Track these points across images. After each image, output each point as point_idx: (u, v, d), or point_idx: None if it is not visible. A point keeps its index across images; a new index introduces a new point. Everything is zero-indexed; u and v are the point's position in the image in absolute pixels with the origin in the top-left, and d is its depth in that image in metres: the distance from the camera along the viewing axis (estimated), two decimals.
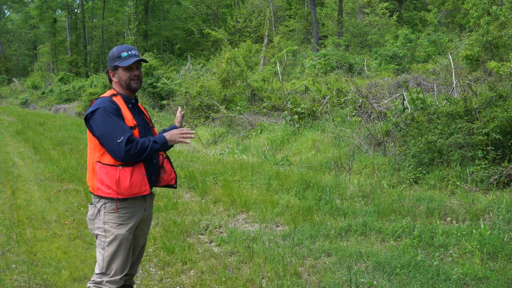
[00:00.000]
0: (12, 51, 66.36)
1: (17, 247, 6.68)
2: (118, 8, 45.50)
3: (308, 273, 5.38)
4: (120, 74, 3.95)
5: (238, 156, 11.95)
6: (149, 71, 23.13)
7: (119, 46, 4.09)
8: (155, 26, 42.43)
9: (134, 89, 3.98)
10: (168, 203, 8.43)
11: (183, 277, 5.58)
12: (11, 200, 9.22)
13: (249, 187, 9.03)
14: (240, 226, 7.28)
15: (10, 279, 5.60)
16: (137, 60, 3.91)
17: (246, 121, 15.26)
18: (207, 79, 19.64)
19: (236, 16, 38.16)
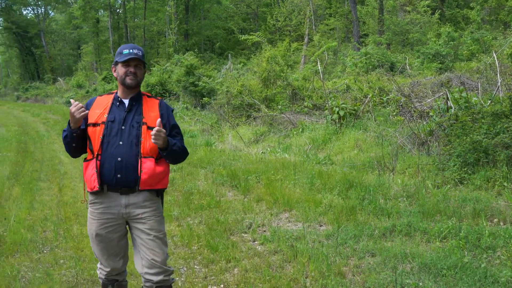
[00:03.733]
0: (56, 51, 67.54)
1: (64, 243, 6.82)
2: (159, 8, 45.92)
3: (352, 273, 5.36)
4: (118, 70, 4.05)
5: (280, 155, 11.95)
6: (190, 70, 23.31)
7: (125, 44, 4.19)
8: (195, 25, 42.71)
9: (129, 85, 4.01)
10: (211, 202, 8.49)
11: (227, 275, 5.62)
12: (58, 197, 9.41)
13: (292, 186, 9.03)
14: (283, 225, 7.29)
15: (58, 274, 5.72)
16: (133, 57, 3.97)
17: (287, 120, 15.25)
18: (248, 78, 19.67)
19: (276, 15, 38.14)
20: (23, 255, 6.32)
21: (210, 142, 14.57)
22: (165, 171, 4.07)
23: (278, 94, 17.69)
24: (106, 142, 3.95)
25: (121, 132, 3.95)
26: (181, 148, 4.03)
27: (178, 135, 4.11)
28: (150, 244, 3.99)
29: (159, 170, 3.99)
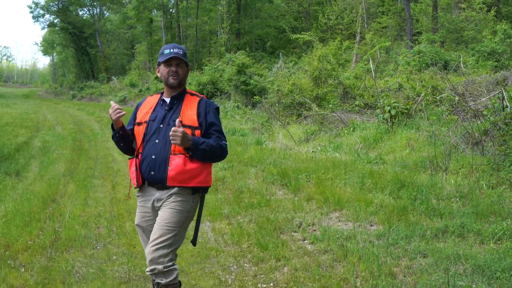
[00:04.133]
0: (111, 51, 68.82)
1: (117, 239, 6.94)
2: (211, 7, 46.26)
3: (403, 274, 5.30)
4: (162, 70, 4.20)
5: (330, 154, 11.89)
6: (241, 69, 23.40)
7: (167, 44, 4.26)
8: (247, 24, 42.85)
9: (171, 84, 4.14)
10: (262, 200, 8.51)
11: (277, 273, 5.63)
12: (112, 194, 9.58)
13: (342, 185, 8.97)
14: (334, 224, 7.25)
15: (111, 270, 5.82)
16: (173, 56, 4.06)
17: (338, 119, 15.17)
18: (299, 77, 19.64)
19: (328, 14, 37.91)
20: (77, 251, 6.46)
21: (260, 141, 14.60)
22: (200, 169, 4.06)
23: (329, 92, 17.61)
24: (146, 140, 4.12)
25: (159, 130, 4.08)
26: (213, 147, 4.00)
27: (214, 133, 4.09)
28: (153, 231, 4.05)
29: (191, 167, 4.02)
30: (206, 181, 4.12)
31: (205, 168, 4.09)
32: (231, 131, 17.47)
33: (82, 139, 18.06)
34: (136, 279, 5.59)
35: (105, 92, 49.40)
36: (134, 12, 49.75)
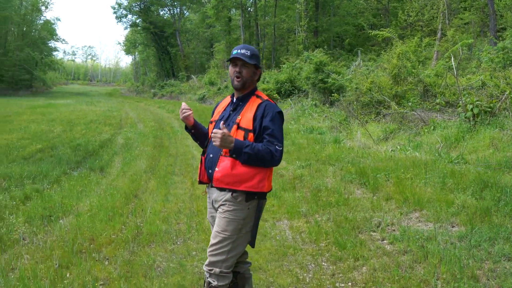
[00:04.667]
0: (190, 50, 69.87)
1: (196, 235, 7.07)
2: (289, 5, 46.19)
3: (486, 277, 5.16)
4: (229, 70, 4.25)
5: (410, 153, 11.69)
6: (319, 67, 23.29)
7: (239, 45, 4.36)
8: (325, 22, 42.56)
9: (234, 86, 4.18)
10: (340, 199, 8.47)
11: (355, 273, 5.60)
12: (191, 191, 9.77)
13: (422, 185, 8.81)
14: (413, 224, 7.14)
15: (190, 265, 5.94)
16: (236, 57, 4.10)
17: (418, 118, 14.87)
18: (378, 75, 19.35)
19: (408, 10, 37.15)
20: (158, 246, 6.63)
21: (338, 139, 14.52)
22: (251, 173, 4.01)
23: (409, 91, 17.27)
24: (211, 139, 4.12)
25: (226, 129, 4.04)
26: (260, 151, 3.92)
27: (266, 138, 4.00)
28: (212, 235, 4.15)
29: (239, 171, 4.00)
30: (258, 186, 4.05)
31: (258, 173, 4.03)
32: (308, 129, 17.44)
33: (162, 136, 18.47)
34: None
35: (185, 90, 50.25)
36: (213, 11, 50.33)
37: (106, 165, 12.38)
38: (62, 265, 5.86)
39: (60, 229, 7.18)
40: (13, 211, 8.04)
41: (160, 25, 68.85)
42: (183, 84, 54.74)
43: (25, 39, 69.17)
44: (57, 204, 8.50)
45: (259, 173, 4.02)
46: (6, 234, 6.88)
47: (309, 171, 10.90)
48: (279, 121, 4.10)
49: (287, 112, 22.96)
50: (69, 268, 5.82)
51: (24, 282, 5.25)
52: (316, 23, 40.27)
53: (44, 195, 9.23)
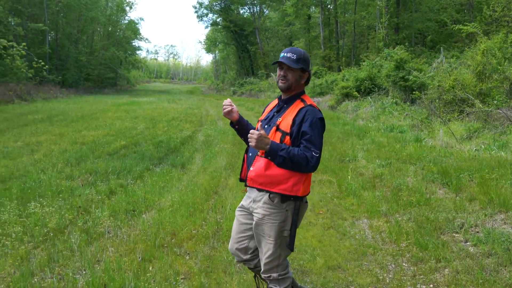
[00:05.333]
0: (270, 48, 70.14)
1: None
2: (369, 2, 45.60)
3: None
4: (277, 71, 4.27)
5: (495, 153, 11.33)
6: (400, 65, 22.92)
7: (287, 48, 4.30)
8: (406, 18, 41.73)
9: (279, 87, 4.22)
10: (421, 199, 8.33)
11: (437, 275, 5.50)
12: None
13: (508, 186, 8.51)
14: (498, 226, 6.93)
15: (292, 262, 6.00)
16: (280, 61, 4.12)
17: (503, 116, 14.38)
18: (461, 72, 18.84)
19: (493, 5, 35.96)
20: None
21: (420, 138, 14.25)
22: (286, 176, 4.00)
23: (494, 88, 16.71)
24: None
25: (263, 130, 4.09)
26: (295, 156, 3.89)
27: (303, 143, 3.96)
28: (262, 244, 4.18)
29: (273, 172, 4.02)
30: (293, 190, 4.02)
31: (292, 176, 4.00)
32: (389, 127, 17.20)
33: None
34: (294, 272, 5.71)
35: (264, 88, 50.53)
36: (292, 9, 50.39)
37: (187, 162, 12.62)
38: (145, 258, 6.04)
39: (143, 223, 7.39)
40: (99, 205, 8.34)
41: (240, 23, 69.56)
42: (262, 82, 55.07)
43: (110, 38, 71.42)
44: (140, 199, 8.75)
45: (293, 176, 4.01)
46: (93, 227, 7.15)
47: (389, 170, 10.76)
48: (319, 127, 4.06)
49: (367, 110, 22.72)
50: (151, 261, 5.98)
51: (109, 274, 5.44)
52: (397, 19, 39.56)
53: (128, 190, 9.51)
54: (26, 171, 10.97)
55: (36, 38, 51.76)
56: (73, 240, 6.57)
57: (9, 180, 10.17)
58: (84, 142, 15.34)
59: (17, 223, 7.21)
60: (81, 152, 13.46)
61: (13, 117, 23.45)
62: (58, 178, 10.26)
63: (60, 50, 55.80)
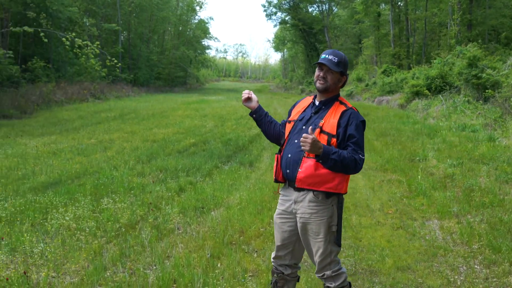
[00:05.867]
0: (338, 46, 69.54)
1: (343, 232, 7.06)
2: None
3: None
4: (315, 73, 4.30)
5: None
6: (472, 62, 22.34)
7: (328, 50, 4.34)
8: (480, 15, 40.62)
9: (317, 88, 4.26)
10: (494, 200, 8.13)
11: (511, 278, 5.35)
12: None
13: None
14: None
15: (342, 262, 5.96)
16: (321, 62, 4.17)
17: None
18: None
19: None
20: None
21: (493, 137, 13.87)
22: (332, 175, 4.03)
23: None
24: (289, 138, 4.27)
25: (301, 131, 4.16)
26: (345, 159, 3.93)
27: (351, 146, 4.01)
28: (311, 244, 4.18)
29: (322, 172, 4.02)
30: (337, 188, 4.07)
31: (338, 175, 4.05)
32: (460, 126, 16.80)
33: None
34: (363, 272, 5.68)
35: None
36: (362, 7, 49.86)
37: (255, 160, 12.71)
38: (214, 255, 6.13)
39: (212, 220, 7.50)
40: (169, 202, 8.51)
41: (308, 21, 69.42)
42: None
43: (180, 38, 72.58)
44: (209, 196, 8.87)
45: (339, 175, 4.05)
46: (163, 224, 7.30)
47: (461, 170, 10.52)
48: (362, 130, 4.14)
49: (438, 109, 22.27)
50: (220, 258, 6.06)
51: (179, 270, 5.54)
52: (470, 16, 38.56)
53: (197, 187, 9.66)
54: (99, 167, 11.30)
55: (110, 38, 53.14)
56: (144, 236, 6.73)
57: (83, 176, 10.51)
58: (154, 140, 15.67)
59: (91, 218, 7.45)
60: (152, 149, 13.76)
61: (87, 115, 24.20)
62: (130, 175, 10.52)
63: (132, 50, 57.09)
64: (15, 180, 10.00)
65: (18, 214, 7.57)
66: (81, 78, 38.59)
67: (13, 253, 6.09)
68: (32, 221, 7.29)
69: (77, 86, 35.64)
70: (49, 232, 6.87)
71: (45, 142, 15.21)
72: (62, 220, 7.28)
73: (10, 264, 5.76)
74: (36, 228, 7.05)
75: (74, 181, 10.10)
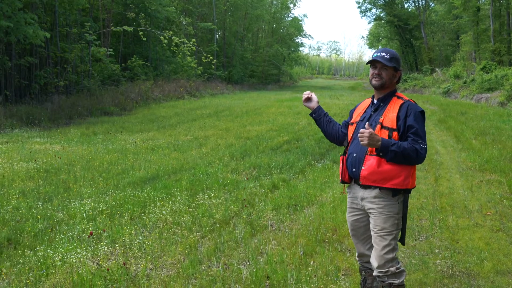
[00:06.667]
0: (435, 42, 67.84)
1: (440, 233, 6.92)
2: None
3: None
4: (369, 71, 4.43)
5: None
6: None
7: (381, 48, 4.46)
8: None
9: (373, 85, 4.36)
10: None
11: None
12: (434, 187, 9.56)
13: None
14: None
15: (433, 263, 5.85)
16: (375, 59, 4.27)
17: None
18: None
19: None
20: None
21: None
22: (397, 171, 4.11)
23: None
24: (353, 139, 4.38)
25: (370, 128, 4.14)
26: (406, 149, 4.00)
27: (411, 136, 4.08)
28: (374, 239, 4.27)
29: (385, 168, 4.12)
30: (404, 184, 4.15)
31: (403, 170, 4.13)
32: None
33: None
34: (460, 275, 5.53)
35: (428, 84, 48.98)
36: (460, 2, 48.35)
37: None
38: (306, 252, 6.14)
39: (305, 218, 7.51)
40: (262, 199, 8.59)
41: (404, 17, 67.94)
42: (427, 78, 53.38)
43: (274, 35, 72.99)
44: (302, 194, 8.89)
45: (404, 170, 4.12)
46: (256, 220, 7.38)
47: None
48: (422, 120, 4.20)
49: None
50: (312, 256, 6.07)
51: (272, 266, 5.59)
52: None
53: (290, 184, 9.70)
54: (194, 163, 11.55)
55: (205, 36, 54.20)
56: (237, 232, 6.83)
57: (180, 172, 10.78)
58: (248, 137, 15.85)
59: (187, 213, 7.64)
60: (246, 146, 13.93)
61: (183, 112, 24.80)
62: (224, 171, 10.70)
63: (227, 48, 57.95)
64: (116, 175, 10.39)
65: (118, 208, 7.87)
66: (177, 76, 39.59)
67: (114, 245, 6.34)
68: (131, 215, 7.56)
69: (174, 84, 36.58)
70: (147, 225, 7.10)
71: (143, 138, 15.72)
72: (159, 214, 7.51)
73: (110, 255, 6.00)
74: (135, 221, 7.31)
75: (171, 176, 10.37)
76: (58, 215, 7.56)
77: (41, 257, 5.81)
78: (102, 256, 5.90)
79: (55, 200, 8.36)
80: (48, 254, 5.86)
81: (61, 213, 7.65)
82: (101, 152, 13.01)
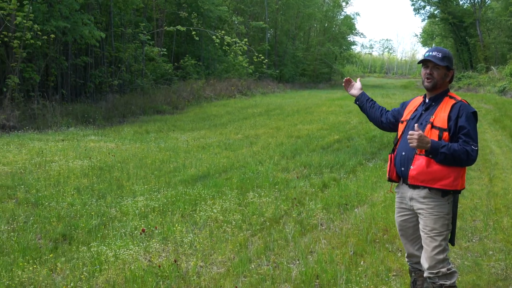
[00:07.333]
0: (491, 40, 66.31)
1: (494, 234, 6.78)
2: None
3: None
4: (421, 71, 4.40)
5: None
6: None
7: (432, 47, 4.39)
8: None
9: (425, 87, 4.31)
10: None
11: None
12: (488, 187, 9.38)
13: None
14: None
15: (487, 265, 5.73)
16: (426, 59, 4.22)
17: None
18: None
19: None
20: None
21: None
22: (446, 172, 4.06)
23: None
24: (402, 137, 4.33)
25: (413, 129, 4.13)
26: (456, 151, 3.96)
27: (462, 137, 4.03)
28: (423, 240, 4.22)
29: (434, 169, 4.07)
30: (453, 185, 4.10)
31: (453, 171, 4.08)
32: None
33: None
34: None
35: (483, 83, 47.94)
36: None
37: None
38: (357, 252, 6.10)
39: (355, 217, 7.46)
40: (313, 198, 8.57)
41: (459, 15, 66.62)
42: (482, 76, 52.25)
43: (326, 34, 72.57)
44: (353, 193, 8.83)
45: (453, 171, 4.08)
46: (306, 219, 7.37)
47: None
48: (474, 121, 4.14)
49: None
50: (363, 256, 6.02)
51: (322, 265, 5.57)
52: None
53: (341, 184, 9.65)
54: (245, 162, 11.60)
55: (257, 35, 54.35)
56: (287, 230, 6.83)
57: (230, 170, 10.84)
58: (299, 136, 15.83)
59: (237, 211, 7.68)
60: (296, 145, 13.92)
61: (235, 111, 24.93)
62: (275, 170, 10.71)
63: (278, 47, 57.96)
64: (167, 173, 10.52)
65: (170, 205, 7.97)
66: (229, 75, 39.83)
67: (165, 242, 6.42)
68: (182, 212, 7.64)
69: (225, 82, 36.82)
70: (197, 223, 7.17)
71: (194, 137, 15.88)
72: (210, 212, 7.57)
73: (162, 252, 6.08)
74: (186, 219, 7.39)
75: (222, 175, 10.45)
76: (111, 212, 7.70)
77: (95, 253, 5.93)
78: (154, 253, 5.98)
79: (109, 197, 8.52)
80: (101, 250, 5.98)
81: (114, 210, 7.79)
82: (154, 150, 13.19)
